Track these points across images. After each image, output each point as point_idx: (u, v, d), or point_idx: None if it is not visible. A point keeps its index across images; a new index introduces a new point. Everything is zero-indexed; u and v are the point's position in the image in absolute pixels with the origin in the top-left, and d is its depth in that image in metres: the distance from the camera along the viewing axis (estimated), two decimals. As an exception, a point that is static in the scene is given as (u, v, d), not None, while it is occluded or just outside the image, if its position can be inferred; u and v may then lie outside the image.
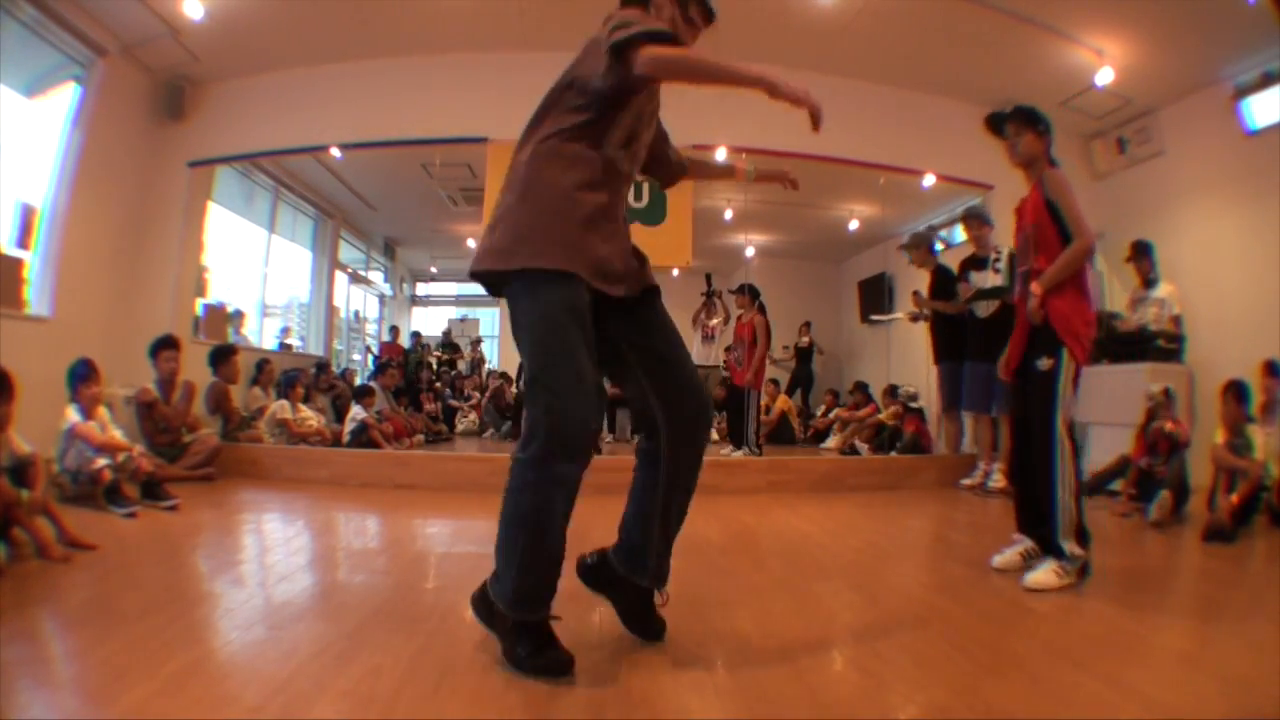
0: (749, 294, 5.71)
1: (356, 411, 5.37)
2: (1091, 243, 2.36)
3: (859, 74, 5.53)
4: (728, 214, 7.33)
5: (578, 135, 1.54)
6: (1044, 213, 2.40)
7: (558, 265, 1.46)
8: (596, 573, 1.71)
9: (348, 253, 9.15)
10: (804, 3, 4.67)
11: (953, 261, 4.96)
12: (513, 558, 1.46)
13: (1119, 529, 3.44)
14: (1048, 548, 2.30)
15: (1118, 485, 3.97)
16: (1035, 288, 2.35)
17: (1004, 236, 4.69)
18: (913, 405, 5.98)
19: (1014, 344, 2.49)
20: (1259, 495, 3.37)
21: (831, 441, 6.83)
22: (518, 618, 1.47)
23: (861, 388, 7.21)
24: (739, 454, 5.34)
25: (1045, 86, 5.14)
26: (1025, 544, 2.47)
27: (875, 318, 7.78)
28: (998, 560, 2.47)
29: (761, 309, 5.69)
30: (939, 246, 5.55)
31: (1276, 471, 3.44)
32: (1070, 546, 2.24)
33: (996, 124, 2.56)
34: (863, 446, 6.17)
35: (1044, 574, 2.22)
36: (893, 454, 5.69)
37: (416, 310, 12.06)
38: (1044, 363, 2.32)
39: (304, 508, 3.64)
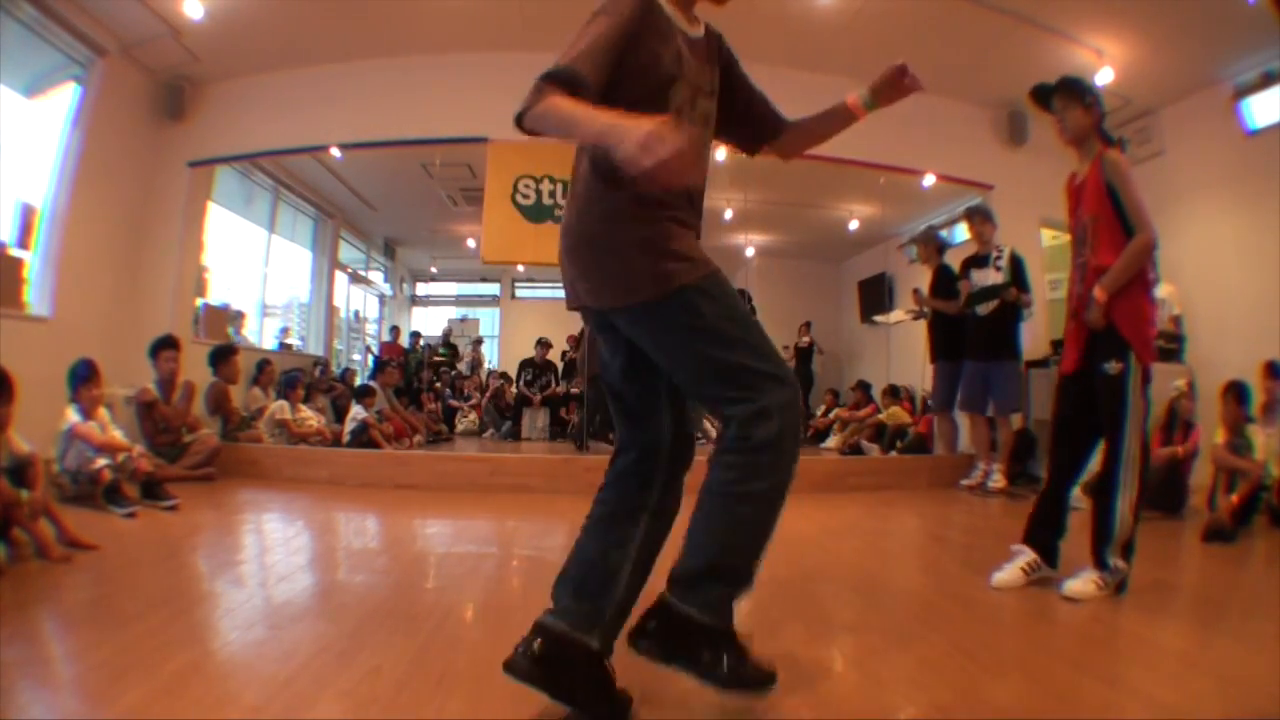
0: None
1: (357, 411, 5.36)
2: (1153, 237, 2.18)
3: (859, 74, 5.41)
4: (727, 214, 7.33)
5: None
6: (1106, 200, 2.22)
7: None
8: None
9: (348, 253, 9.15)
10: (804, 3, 4.67)
11: (953, 261, 4.95)
12: (755, 552, 1.33)
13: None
14: (1094, 558, 2.18)
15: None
16: (1099, 293, 2.17)
17: (1007, 235, 4.71)
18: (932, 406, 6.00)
19: (1072, 348, 2.33)
20: (1259, 495, 3.37)
21: (832, 441, 6.82)
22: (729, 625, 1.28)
23: (863, 387, 7.21)
24: None
25: (1045, 86, 5.14)
26: (1026, 557, 2.29)
27: (877, 319, 7.78)
28: (997, 579, 2.27)
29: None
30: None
31: (1276, 471, 3.44)
32: (1115, 560, 2.14)
33: (1043, 97, 2.37)
34: (870, 447, 6.15)
35: (1083, 583, 2.11)
36: (893, 453, 5.70)
37: (416, 310, 12.06)
38: (1113, 366, 2.17)
39: (304, 508, 3.64)
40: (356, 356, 9.71)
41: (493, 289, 11.92)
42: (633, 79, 1.30)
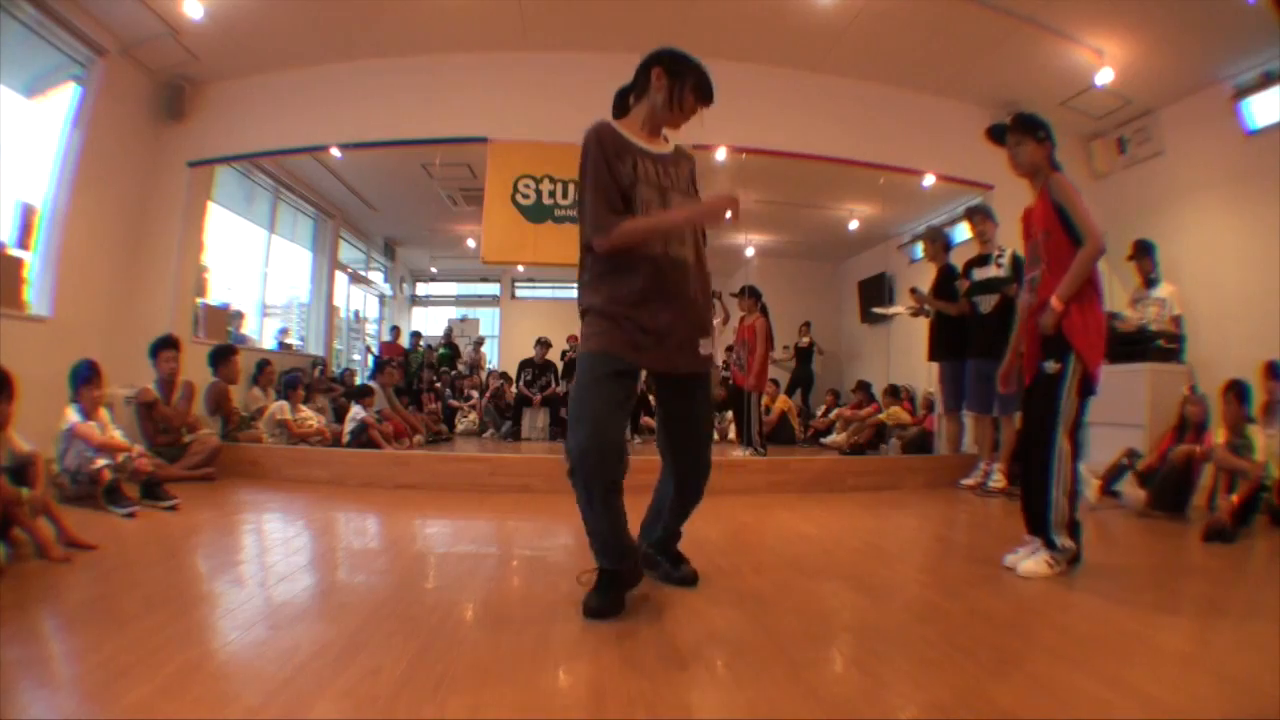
0: (751, 296, 5.72)
1: (356, 411, 5.36)
2: (1101, 244, 2.34)
3: (859, 74, 5.53)
4: (727, 214, 7.32)
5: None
6: (1054, 219, 2.39)
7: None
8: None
9: (348, 253, 9.15)
10: (804, 3, 4.67)
11: (957, 260, 4.94)
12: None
13: (1121, 529, 3.45)
14: (1041, 540, 2.40)
15: (1120, 486, 3.96)
16: (1055, 302, 2.33)
17: (1008, 236, 4.69)
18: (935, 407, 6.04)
19: (1027, 355, 2.50)
20: (1259, 495, 3.37)
21: (839, 437, 6.81)
22: None
23: (864, 387, 7.21)
24: (744, 453, 5.35)
25: (1045, 86, 5.15)
26: (1037, 544, 2.46)
27: (877, 310, 7.79)
28: (1009, 560, 2.48)
29: (764, 311, 5.70)
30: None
31: (1277, 472, 3.44)
32: (1062, 540, 2.36)
33: (998, 135, 2.56)
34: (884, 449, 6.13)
35: (1035, 562, 2.35)
36: (894, 440, 5.69)
37: (416, 310, 12.07)
38: (1051, 365, 2.35)
39: (304, 508, 3.64)
40: (356, 356, 9.71)
41: (493, 289, 11.93)
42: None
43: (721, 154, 5.55)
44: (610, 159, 1.88)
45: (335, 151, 5.80)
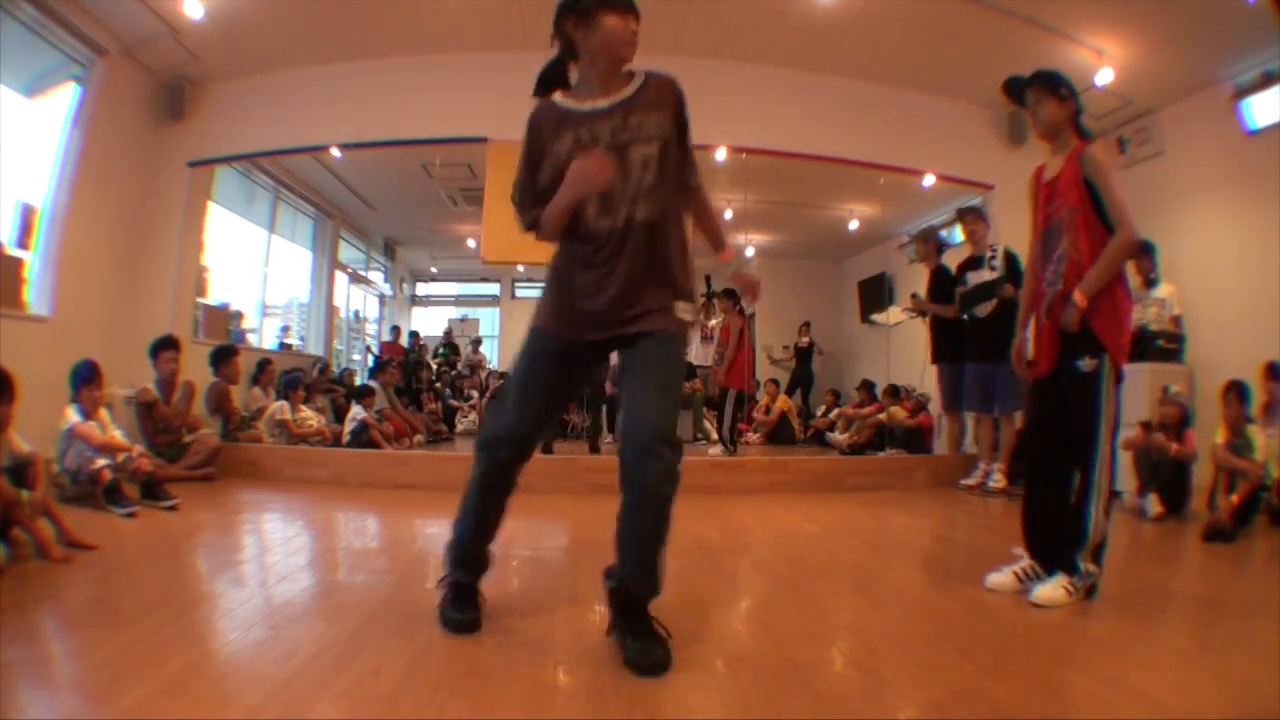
0: (729, 298, 5.83)
1: (356, 411, 5.36)
2: (1134, 235, 2.11)
3: (859, 74, 5.52)
4: (728, 214, 7.33)
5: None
6: (1084, 196, 2.15)
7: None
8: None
9: (348, 253, 9.15)
10: (804, 3, 4.67)
11: (951, 263, 4.95)
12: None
13: (1120, 529, 3.45)
14: (1063, 562, 2.11)
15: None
16: (1079, 298, 2.09)
17: (1002, 235, 4.70)
18: (930, 408, 6.06)
19: (1043, 343, 2.26)
20: (1259, 495, 3.37)
21: (844, 437, 6.80)
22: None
23: (868, 386, 7.23)
24: (715, 452, 5.40)
25: (1045, 86, 5.14)
26: (1023, 563, 2.23)
27: (875, 318, 7.80)
28: (991, 580, 2.23)
29: (740, 312, 5.77)
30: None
31: (1276, 472, 3.44)
32: (1086, 564, 2.08)
33: (1016, 90, 2.31)
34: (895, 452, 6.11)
35: (1053, 589, 2.05)
36: (890, 452, 5.70)
37: (416, 310, 12.07)
38: (1087, 363, 2.11)
39: (304, 508, 3.64)
40: (356, 356, 9.71)
41: (493, 289, 11.92)
42: (549, 169, 1.75)
43: (721, 154, 5.56)
44: (544, 145, 1.75)
45: (335, 151, 5.80)
